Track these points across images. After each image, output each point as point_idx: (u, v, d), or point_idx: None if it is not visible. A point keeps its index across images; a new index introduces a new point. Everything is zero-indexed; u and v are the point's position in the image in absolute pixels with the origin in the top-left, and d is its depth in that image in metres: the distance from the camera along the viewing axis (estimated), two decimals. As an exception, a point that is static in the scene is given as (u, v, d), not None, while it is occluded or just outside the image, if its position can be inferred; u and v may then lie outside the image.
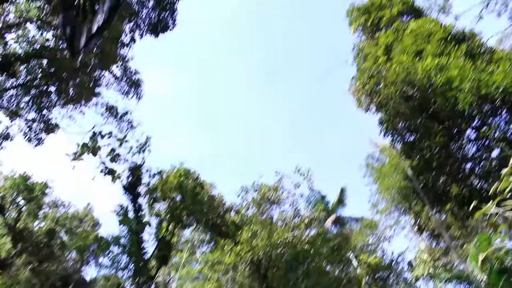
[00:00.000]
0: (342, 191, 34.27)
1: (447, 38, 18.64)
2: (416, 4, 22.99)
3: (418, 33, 19.10)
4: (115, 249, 22.70)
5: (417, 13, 22.04)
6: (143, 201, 22.56)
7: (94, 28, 3.64)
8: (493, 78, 15.76)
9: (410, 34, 19.29)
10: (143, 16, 19.39)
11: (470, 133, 17.94)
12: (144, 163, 22.61)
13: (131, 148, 19.60)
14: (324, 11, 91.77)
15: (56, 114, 19.82)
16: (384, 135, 19.89)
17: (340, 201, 34.07)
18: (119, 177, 20.97)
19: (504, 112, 16.47)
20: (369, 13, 22.44)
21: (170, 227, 23.63)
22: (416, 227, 27.39)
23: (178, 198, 23.34)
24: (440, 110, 17.28)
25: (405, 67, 17.61)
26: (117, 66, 20.08)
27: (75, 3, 4.46)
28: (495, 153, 16.79)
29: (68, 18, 4.64)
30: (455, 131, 18.09)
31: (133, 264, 21.76)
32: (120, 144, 19.26)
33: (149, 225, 23.05)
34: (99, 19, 3.64)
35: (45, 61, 18.32)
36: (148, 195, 22.46)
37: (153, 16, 19.46)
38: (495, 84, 15.57)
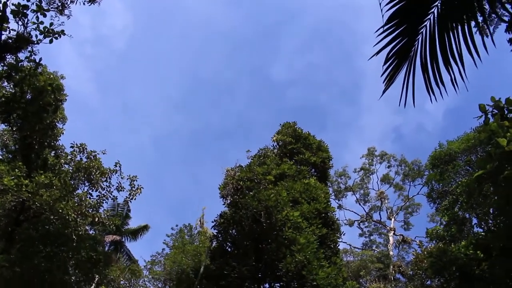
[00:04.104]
0: (145, 227, 33.62)
1: (321, 214, 20.05)
2: (330, 171, 24.73)
3: (310, 189, 20.36)
4: None
5: (323, 177, 23.55)
6: (-3, 67, 20.03)
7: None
8: (319, 270, 16.97)
9: (304, 184, 20.48)
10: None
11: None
12: (36, 43, 20.44)
13: (40, 23, 17.74)
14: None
15: None
16: (203, 224, 20.28)
17: (134, 233, 33.20)
18: (2, 30, 18.68)
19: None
20: (296, 141, 23.48)
21: (-4, 108, 21.07)
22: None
23: (28, 97, 21.11)
24: (269, 253, 18.10)
25: (277, 201, 18.42)
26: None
27: None
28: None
29: None
30: (260, 275, 18.93)
31: None
32: (36, 11, 17.38)
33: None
34: None
35: None
36: (8, 68, 20.10)
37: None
38: (317, 276, 16.72)
